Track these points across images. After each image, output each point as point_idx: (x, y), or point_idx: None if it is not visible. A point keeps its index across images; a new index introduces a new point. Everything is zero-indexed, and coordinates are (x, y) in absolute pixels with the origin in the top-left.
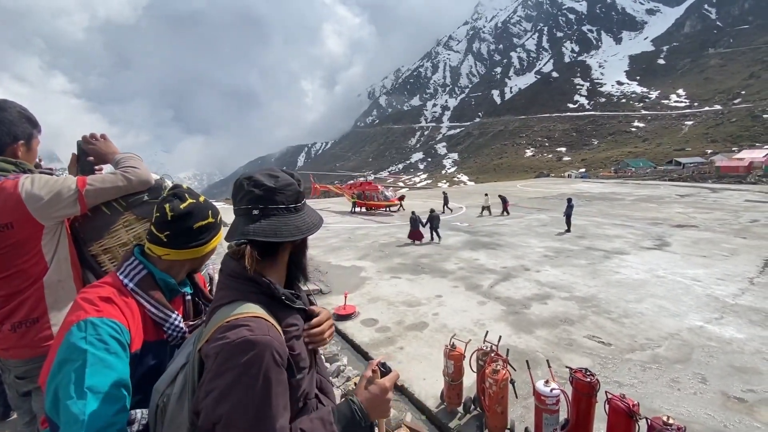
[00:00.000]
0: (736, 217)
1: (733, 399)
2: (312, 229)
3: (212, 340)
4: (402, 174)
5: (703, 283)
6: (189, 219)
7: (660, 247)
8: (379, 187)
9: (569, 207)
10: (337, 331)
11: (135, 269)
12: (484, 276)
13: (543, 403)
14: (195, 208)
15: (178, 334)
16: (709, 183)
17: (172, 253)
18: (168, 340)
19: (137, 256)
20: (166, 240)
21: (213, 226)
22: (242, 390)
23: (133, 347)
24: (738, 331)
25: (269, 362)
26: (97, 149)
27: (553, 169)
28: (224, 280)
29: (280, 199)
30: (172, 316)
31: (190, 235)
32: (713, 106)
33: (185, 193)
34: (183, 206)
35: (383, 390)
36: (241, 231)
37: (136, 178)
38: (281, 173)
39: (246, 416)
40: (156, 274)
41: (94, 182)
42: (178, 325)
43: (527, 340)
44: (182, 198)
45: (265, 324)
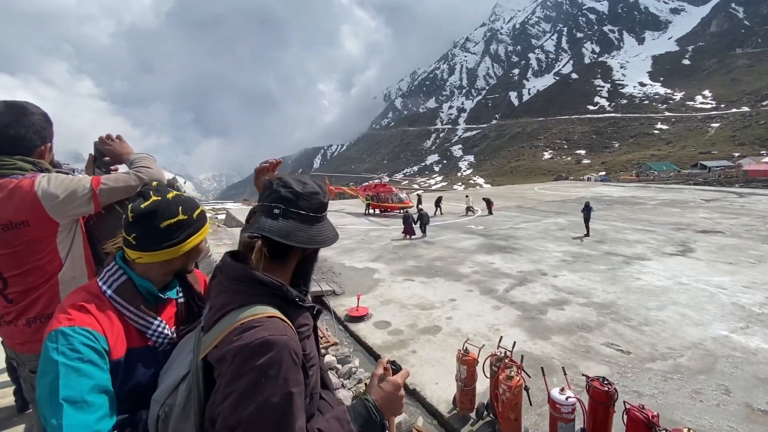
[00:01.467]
0: (765, 223)
1: (758, 411)
2: (326, 242)
3: (225, 343)
4: (417, 176)
5: (728, 291)
6: (153, 218)
7: (683, 253)
8: (394, 189)
9: (588, 210)
10: (349, 333)
11: (114, 275)
12: (500, 280)
13: (558, 411)
14: (159, 206)
15: (165, 341)
16: (736, 187)
17: (144, 256)
18: (155, 347)
19: (117, 262)
20: (135, 243)
21: (185, 223)
22: (263, 393)
23: (115, 354)
24: (765, 342)
25: (288, 363)
26: (113, 150)
27: (571, 172)
28: (228, 284)
29: (303, 205)
30: (154, 323)
31: (158, 235)
32: (741, 107)
33: (150, 191)
34: (144, 205)
35: (396, 387)
36: (258, 225)
37: (148, 177)
38: (311, 182)
39: (268, 419)
40: (135, 279)
41: (108, 181)
42: (162, 332)
43: (543, 346)
44: (146, 196)
45: (282, 324)
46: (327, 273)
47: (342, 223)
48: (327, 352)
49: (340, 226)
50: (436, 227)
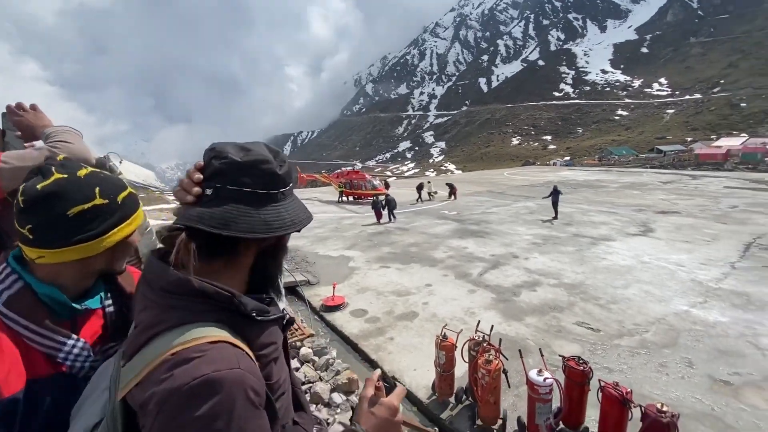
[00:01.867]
0: (716, 203)
1: (720, 382)
2: (289, 227)
3: (150, 383)
4: (390, 163)
5: (687, 268)
6: (56, 203)
7: (645, 234)
8: (367, 176)
9: (556, 194)
10: (325, 323)
11: (4, 282)
12: (474, 264)
13: (536, 392)
14: (65, 187)
15: (85, 364)
16: (689, 170)
17: (47, 255)
18: (72, 373)
19: (10, 263)
20: (33, 237)
21: (105, 209)
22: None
23: (7, 390)
24: (722, 315)
25: (244, 408)
26: (25, 122)
27: (538, 158)
28: (156, 298)
29: (244, 180)
30: (68, 343)
31: (64, 226)
32: (693, 95)
33: (53, 166)
34: (42, 186)
35: (392, 411)
36: (184, 214)
37: (67, 153)
38: (257, 147)
39: None
40: (35, 286)
41: (11, 159)
42: (80, 353)
43: (517, 327)
44: (45, 174)
45: (232, 352)
46: (300, 263)
47: (315, 212)
48: (303, 344)
49: (313, 214)
50: (410, 213)
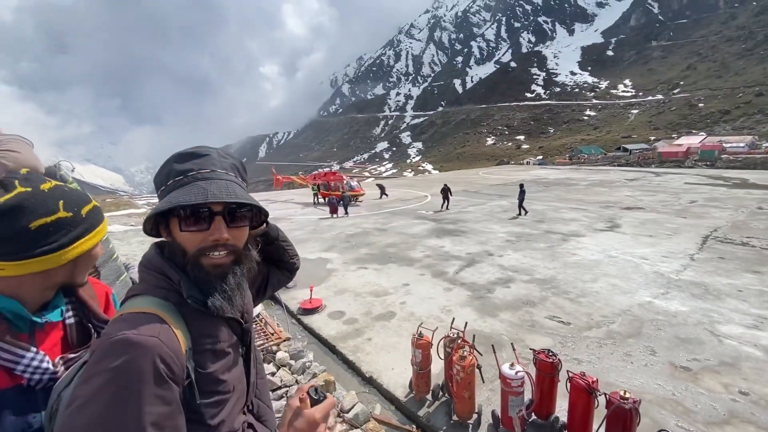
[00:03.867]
0: (677, 198)
1: (680, 368)
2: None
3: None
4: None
5: (650, 261)
6: (20, 216)
7: (612, 229)
8: (344, 178)
9: (522, 193)
10: (302, 326)
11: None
12: (450, 263)
13: (508, 385)
14: (28, 200)
15: (44, 377)
16: (653, 168)
17: (7, 268)
18: (30, 385)
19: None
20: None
21: (69, 222)
22: (105, 404)
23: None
24: (682, 305)
25: (150, 372)
26: None
27: (512, 157)
28: (140, 272)
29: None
30: (27, 356)
31: (26, 238)
32: (656, 95)
33: (16, 179)
34: (5, 199)
35: (311, 424)
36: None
37: (14, 163)
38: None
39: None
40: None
41: None
42: (39, 366)
43: (492, 323)
44: (8, 187)
45: (158, 324)
46: None
47: (291, 214)
48: (279, 348)
49: (289, 217)
50: (387, 214)
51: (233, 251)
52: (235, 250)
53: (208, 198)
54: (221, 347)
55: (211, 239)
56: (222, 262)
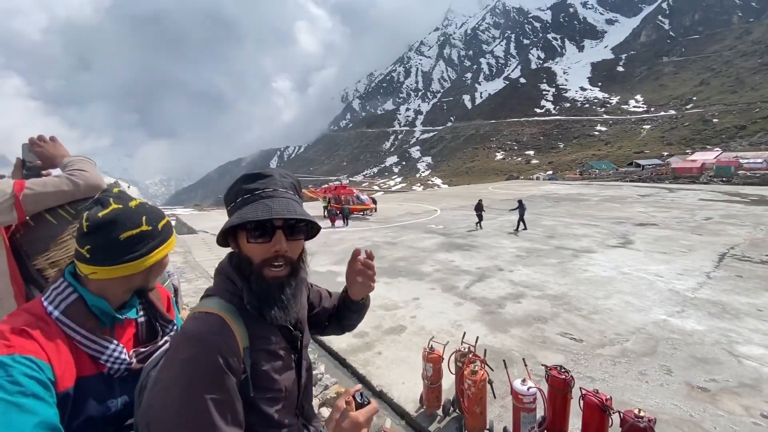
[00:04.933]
0: (692, 215)
1: (697, 389)
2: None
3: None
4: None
5: (664, 279)
6: (113, 229)
7: (624, 245)
8: (354, 191)
9: (522, 208)
10: (314, 338)
11: (62, 294)
12: (460, 277)
13: (520, 401)
14: (120, 215)
15: (121, 366)
16: (667, 183)
17: (100, 272)
18: (110, 374)
19: (66, 278)
20: (90, 256)
21: (149, 234)
22: (177, 390)
23: (63, 385)
24: (698, 324)
25: (212, 364)
26: (45, 152)
27: (522, 172)
28: (214, 275)
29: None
30: (110, 347)
31: (117, 247)
32: (668, 111)
33: (110, 198)
34: (102, 214)
35: (355, 425)
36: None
37: (83, 181)
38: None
39: (172, 418)
40: (87, 298)
41: (34, 186)
42: (119, 357)
43: (503, 339)
44: (104, 204)
45: (220, 323)
46: None
47: None
48: None
49: None
50: (397, 228)
51: (290, 263)
52: (291, 262)
53: (272, 215)
54: (274, 349)
55: (273, 250)
56: (280, 274)
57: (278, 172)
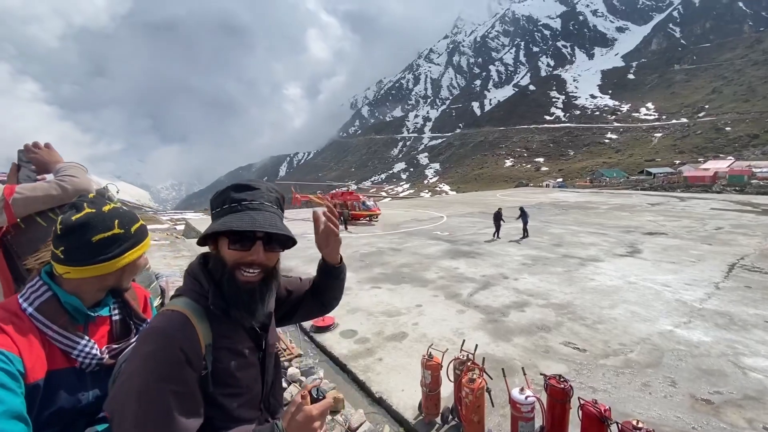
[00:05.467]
0: (703, 224)
1: (701, 401)
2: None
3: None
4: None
5: (672, 289)
6: (85, 231)
7: (632, 254)
8: (361, 197)
9: (524, 215)
10: (314, 344)
11: (36, 292)
12: (464, 285)
13: (518, 411)
14: (93, 219)
15: (92, 361)
16: (678, 192)
17: (73, 271)
18: (81, 368)
19: (42, 277)
20: (64, 256)
21: (121, 237)
22: (138, 382)
23: (33, 377)
24: (705, 335)
25: (169, 357)
26: (40, 158)
27: (531, 179)
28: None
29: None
30: (81, 343)
31: (89, 249)
32: (680, 119)
33: (85, 202)
34: (76, 217)
35: (308, 419)
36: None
37: (72, 187)
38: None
39: (132, 406)
40: (61, 296)
41: (23, 191)
42: (89, 352)
43: (505, 348)
44: (78, 208)
45: (183, 321)
46: None
47: (307, 232)
48: (291, 364)
49: (304, 235)
50: (403, 234)
51: (264, 270)
52: (265, 269)
53: (255, 226)
54: (238, 348)
55: (249, 258)
56: (253, 279)
57: (266, 186)
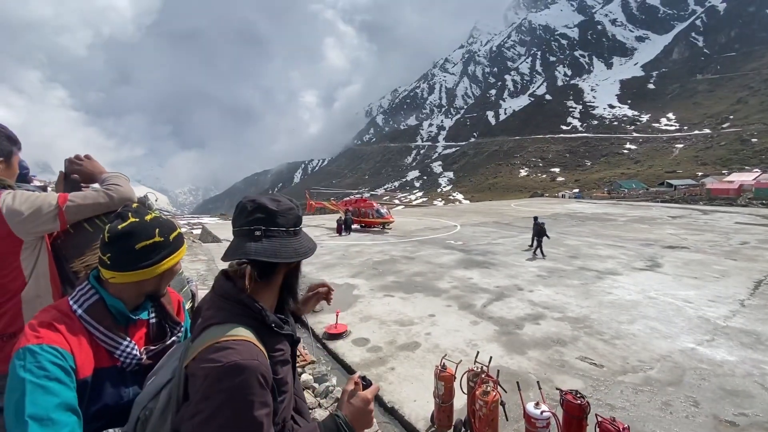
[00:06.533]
0: (727, 239)
1: (725, 423)
2: (308, 252)
3: (200, 360)
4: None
5: (694, 305)
6: (129, 239)
7: (652, 268)
8: (374, 204)
9: (536, 225)
10: (327, 351)
11: (85, 295)
12: (478, 295)
13: (533, 425)
14: (136, 228)
15: (132, 361)
16: (701, 205)
17: (117, 276)
18: (123, 367)
19: (90, 281)
20: (110, 262)
21: (161, 245)
22: (229, 415)
23: (82, 373)
24: (729, 354)
25: (256, 387)
26: (83, 170)
27: (547, 189)
28: (216, 301)
29: (281, 222)
30: (123, 343)
31: (132, 256)
32: (702, 129)
33: (129, 212)
34: (122, 226)
35: (365, 402)
36: (244, 251)
37: (118, 195)
38: (283, 198)
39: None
40: (107, 299)
41: (75, 199)
42: (131, 352)
43: (519, 361)
44: (124, 217)
45: (255, 348)
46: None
47: (322, 239)
48: (304, 370)
49: (320, 241)
50: (416, 242)
51: None
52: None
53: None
54: (285, 357)
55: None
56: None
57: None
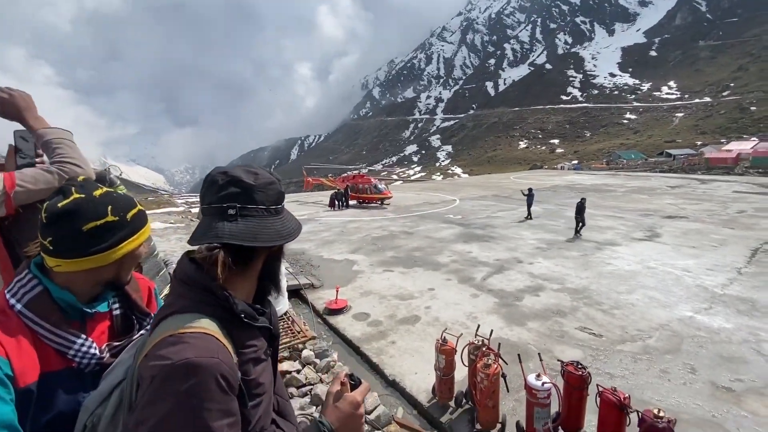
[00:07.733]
0: (725, 208)
1: (722, 389)
2: (293, 234)
3: (149, 357)
4: (396, 167)
5: (692, 274)
6: (74, 219)
7: (651, 239)
8: (372, 180)
9: (530, 197)
10: (328, 326)
11: (25, 286)
12: (477, 269)
13: (534, 396)
14: (81, 205)
15: (91, 361)
16: (699, 174)
17: (64, 264)
18: (80, 368)
19: (31, 270)
20: (52, 248)
21: (115, 225)
22: (177, 425)
23: (24, 381)
24: (726, 321)
25: (215, 391)
26: (14, 102)
27: (546, 161)
28: (176, 286)
29: (260, 198)
30: (77, 342)
31: (79, 239)
32: (703, 98)
33: (73, 187)
34: (62, 204)
35: (354, 405)
36: (216, 233)
37: (74, 176)
38: (261, 170)
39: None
40: (53, 291)
41: (25, 183)
42: (88, 351)
43: (519, 332)
44: (66, 193)
45: (215, 344)
46: (305, 266)
47: (320, 216)
48: (305, 346)
49: (318, 218)
50: (415, 217)
51: None
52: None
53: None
54: (259, 354)
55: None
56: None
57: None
